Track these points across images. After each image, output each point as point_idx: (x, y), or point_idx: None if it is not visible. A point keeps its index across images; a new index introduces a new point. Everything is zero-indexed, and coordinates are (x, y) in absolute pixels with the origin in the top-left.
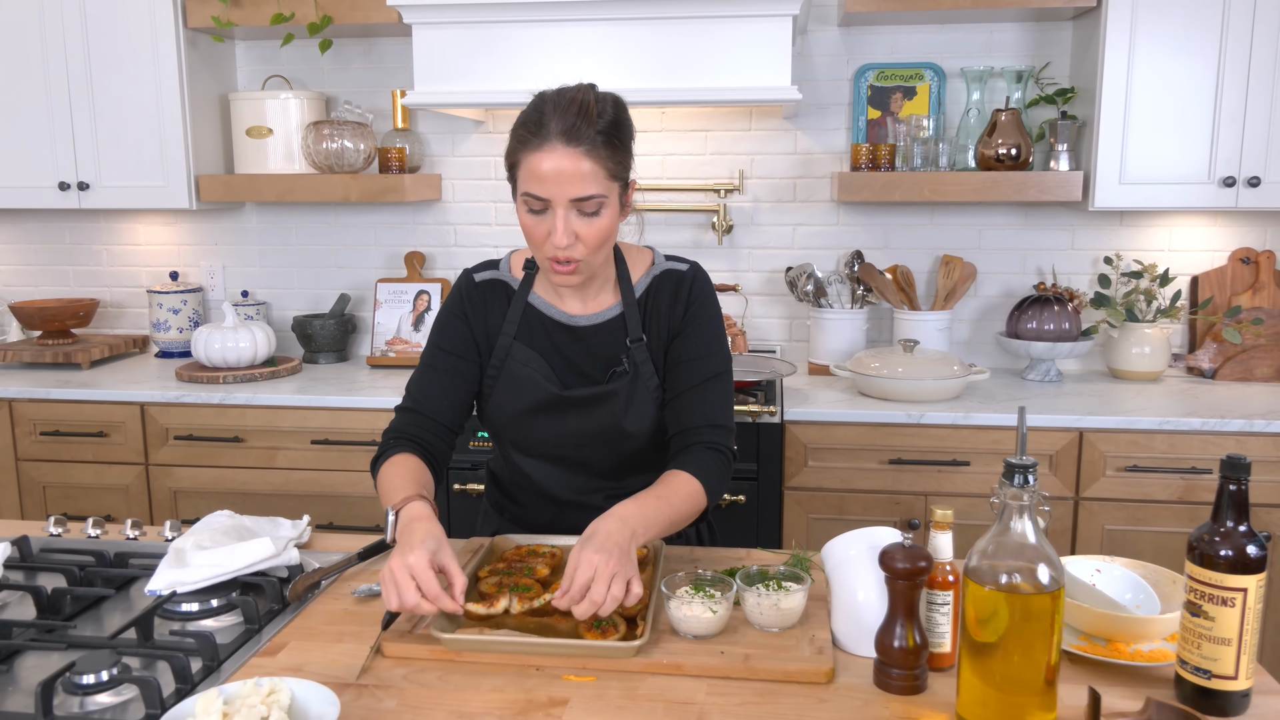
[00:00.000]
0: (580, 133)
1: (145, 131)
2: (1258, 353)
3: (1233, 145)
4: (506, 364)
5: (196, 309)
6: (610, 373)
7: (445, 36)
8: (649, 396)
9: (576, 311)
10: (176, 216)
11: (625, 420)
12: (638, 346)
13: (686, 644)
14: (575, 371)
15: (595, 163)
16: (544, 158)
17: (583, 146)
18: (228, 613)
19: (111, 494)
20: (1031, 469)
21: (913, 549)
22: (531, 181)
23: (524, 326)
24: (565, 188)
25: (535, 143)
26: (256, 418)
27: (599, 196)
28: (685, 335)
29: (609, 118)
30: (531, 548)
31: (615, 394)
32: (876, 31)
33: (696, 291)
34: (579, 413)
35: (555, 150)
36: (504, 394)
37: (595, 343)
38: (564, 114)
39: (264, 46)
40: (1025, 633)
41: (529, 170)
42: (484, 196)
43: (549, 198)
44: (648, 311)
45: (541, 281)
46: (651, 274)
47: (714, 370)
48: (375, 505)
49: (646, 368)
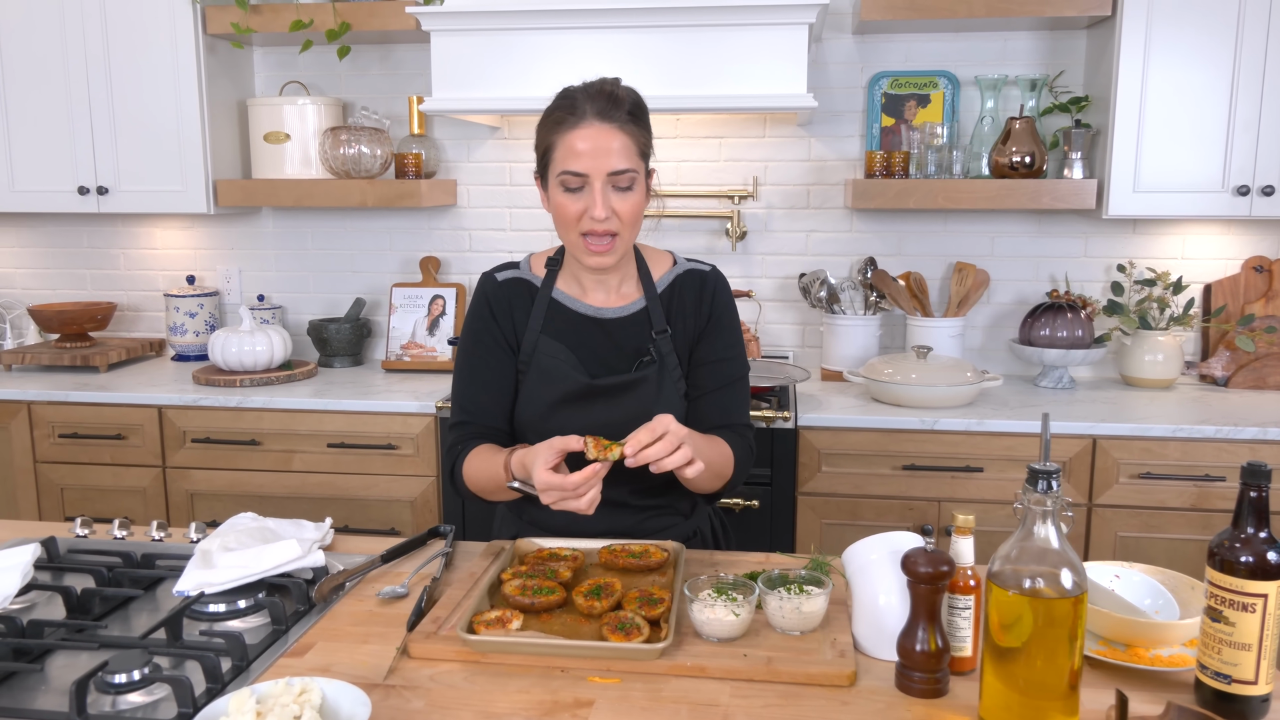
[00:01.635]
0: (612, 112)
1: (164, 136)
2: (1270, 361)
3: (1247, 154)
4: (535, 358)
5: (213, 313)
6: (638, 362)
7: (463, 44)
8: (674, 387)
9: (601, 304)
10: (193, 221)
11: (654, 408)
12: (663, 338)
13: (709, 646)
14: (601, 363)
15: (628, 138)
16: (581, 134)
17: (616, 123)
18: (254, 613)
19: (129, 496)
20: (1055, 475)
21: (935, 553)
22: (569, 158)
23: (549, 320)
24: (603, 161)
25: (571, 122)
26: (273, 421)
27: (632, 171)
28: (709, 338)
29: (633, 99)
30: (553, 550)
31: (644, 381)
32: (891, 40)
33: (720, 296)
34: (607, 402)
35: (592, 126)
36: (533, 387)
37: (620, 334)
38: (595, 98)
39: (282, 53)
40: (1048, 637)
41: (566, 148)
42: (499, 202)
43: (587, 172)
44: (671, 306)
45: (565, 276)
46: (674, 272)
47: (736, 374)
48: (390, 509)
49: (671, 359)
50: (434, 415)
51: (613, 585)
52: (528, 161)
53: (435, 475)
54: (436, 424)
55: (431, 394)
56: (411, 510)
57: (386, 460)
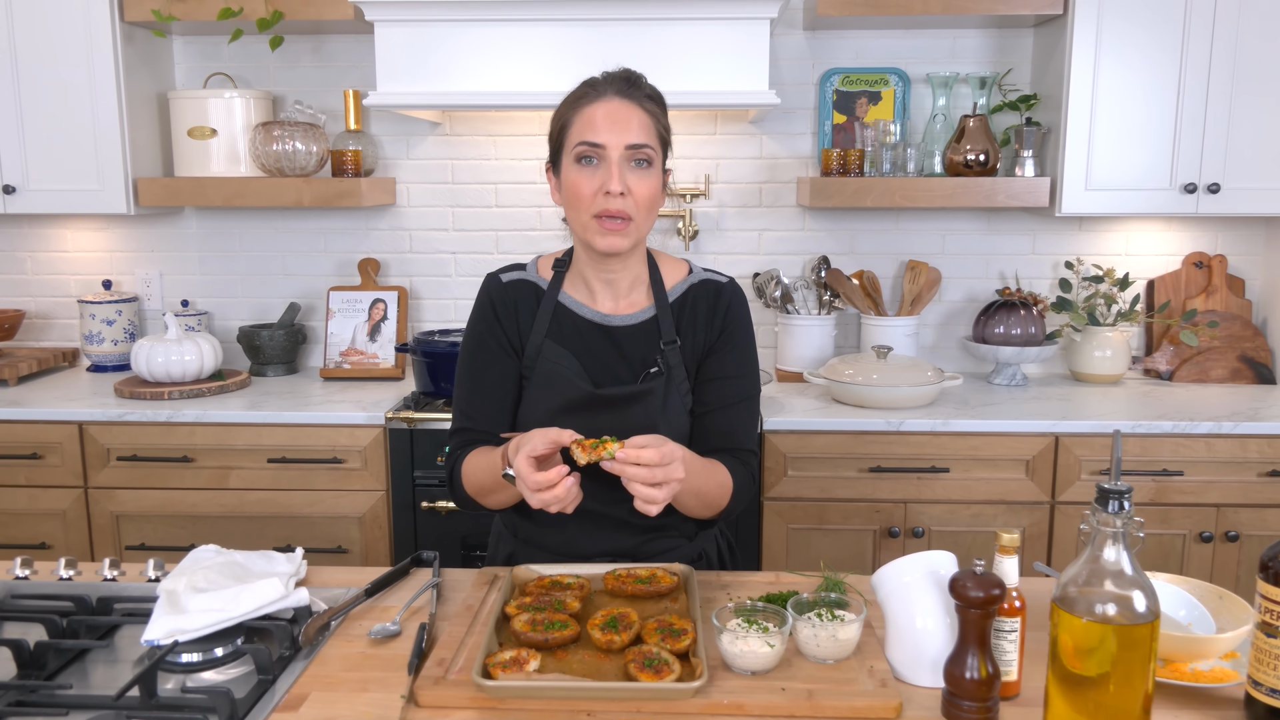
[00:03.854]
0: (632, 91)
1: (78, 131)
2: (1213, 354)
3: (1193, 151)
4: (538, 363)
5: (132, 320)
6: (644, 373)
7: (409, 35)
8: (680, 401)
9: (609, 310)
10: (109, 222)
11: (659, 421)
12: (671, 349)
13: (743, 681)
14: (607, 371)
15: (647, 115)
16: (600, 106)
17: (636, 101)
18: (234, 662)
19: (47, 520)
20: (1127, 494)
21: (985, 576)
22: (587, 129)
23: (555, 325)
24: (621, 133)
25: (591, 96)
26: (206, 435)
27: (649, 148)
28: (721, 353)
29: (654, 88)
30: (554, 578)
31: (650, 394)
32: (842, 36)
33: (736, 310)
34: (611, 412)
35: (612, 100)
36: (536, 393)
37: (628, 343)
38: (615, 80)
39: (204, 43)
40: (1124, 662)
41: (584, 120)
42: (441, 201)
43: (604, 143)
44: (682, 317)
45: (572, 280)
46: (689, 281)
47: (746, 392)
48: (337, 526)
49: (679, 371)
50: (383, 426)
51: (628, 616)
52: (471, 159)
53: (385, 490)
54: (386, 436)
55: (378, 403)
56: (360, 527)
57: (332, 475)
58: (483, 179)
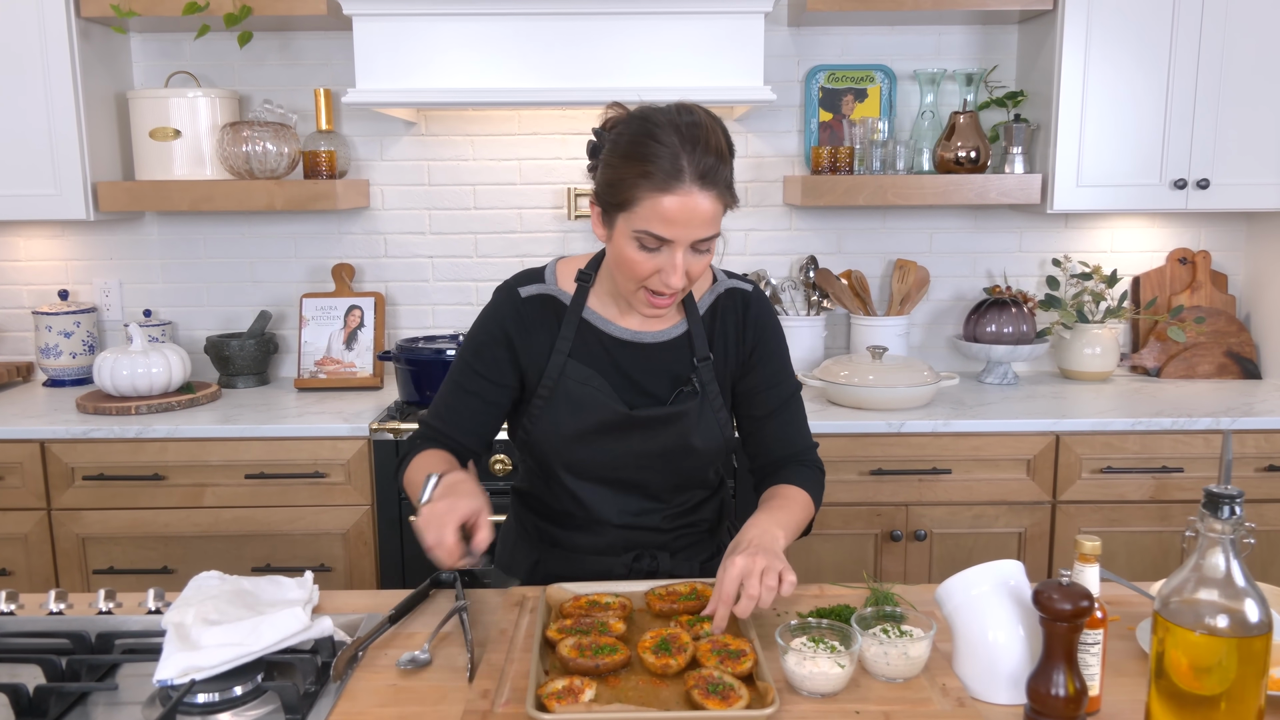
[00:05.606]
0: (716, 175)
1: (31, 134)
2: (1199, 350)
3: (1182, 148)
4: (561, 383)
5: (91, 331)
6: (677, 391)
7: (389, 30)
8: (714, 418)
9: (637, 327)
10: (64, 229)
11: (694, 439)
12: (705, 365)
13: (813, 705)
14: (637, 390)
15: (722, 204)
16: (677, 200)
17: (716, 190)
18: (255, 700)
19: (9, 544)
20: (1238, 499)
21: (1071, 587)
22: (656, 222)
23: (579, 343)
24: (694, 231)
25: (668, 185)
26: (179, 451)
27: (716, 235)
28: (760, 365)
29: (729, 145)
30: (592, 598)
31: (685, 414)
32: (827, 32)
33: (765, 318)
34: (644, 433)
35: (691, 194)
36: (561, 414)
37: (659, 359)
38: (700, 154)
39: (164, 40)
40: (1240, 678)
41: (655, 210)
42: (416, 203)
43: (674, 239)
44: (714, 330)
45: (598, 295)
46: (715, 291)
47: (790, 392)
48: (319, 543)
49: (713, 386)
50: (367, 439)
51: (680, 637)
52: (447, 160)
53: (370, 504)
54: (371, 448)
55: (359, 414)
56: (344, 544)
57: (313, 490)
58: (460, 180)
